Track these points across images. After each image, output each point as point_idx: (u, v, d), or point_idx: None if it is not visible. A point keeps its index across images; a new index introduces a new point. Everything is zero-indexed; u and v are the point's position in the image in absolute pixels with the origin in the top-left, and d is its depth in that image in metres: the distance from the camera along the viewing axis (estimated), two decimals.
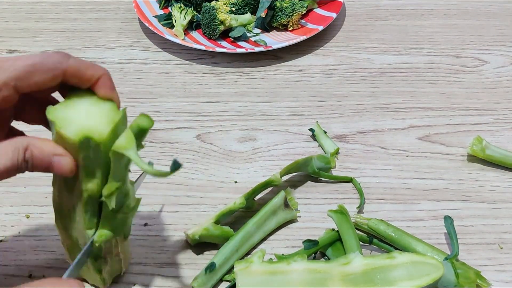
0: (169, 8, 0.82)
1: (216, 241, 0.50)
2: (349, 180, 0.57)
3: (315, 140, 0.62)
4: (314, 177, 0.58)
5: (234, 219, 0.53)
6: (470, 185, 0.57)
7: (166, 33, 0.75)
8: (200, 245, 0.51)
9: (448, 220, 0.50)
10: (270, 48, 0.73)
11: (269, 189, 0.55)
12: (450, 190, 0.56)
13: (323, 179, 0.58)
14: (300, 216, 0.54)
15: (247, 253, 0.50)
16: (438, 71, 0.72)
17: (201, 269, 0.48)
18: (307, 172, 0.57)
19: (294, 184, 0.57)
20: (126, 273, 0.49)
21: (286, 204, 0.52)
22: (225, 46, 0.74)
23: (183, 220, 0.54)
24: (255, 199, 0.54)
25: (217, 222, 0.50)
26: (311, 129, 0.62)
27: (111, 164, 0.38)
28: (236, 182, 0.57)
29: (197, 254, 0.51)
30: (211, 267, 0.47)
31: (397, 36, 0.79)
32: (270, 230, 0.52)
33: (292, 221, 0.53)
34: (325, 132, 0.62)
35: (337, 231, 0.50)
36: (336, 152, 0.60)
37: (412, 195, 0.56)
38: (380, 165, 0.59)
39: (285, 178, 0.56)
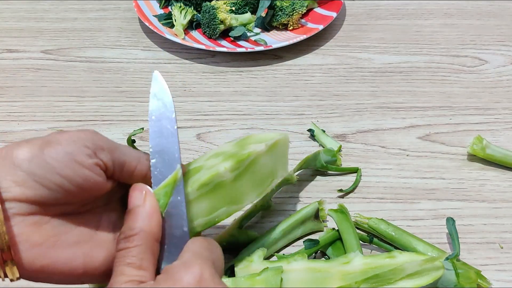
0: (169, 7, 0.82)
1: (242, 246, 0.49)
2: (355, 170, 0.58)
3: (314, 140, 0.62)
4: (322, 172, 0.58)
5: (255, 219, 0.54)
6: (470, 185, 0.57)
7: (166, 33, 0.75)
8: None
9: (450, 221, 0.49)
10: (270, 48, 0.73)
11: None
12: (450, 189, 0.56)
13: (330, 172, 0.58)
14: (326, 226, 0.53)
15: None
16: (438, 71, 0.72)
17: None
18: (315, 167, 0.57)
19: (301, 179, 0.57)
20: None
21: (316, 216, 0.52)
22: (225, 46, 0.74)
23: None
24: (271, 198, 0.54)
25: (240, 226, 0.50)
26: (309, 130, 0.62)
27: None
28: None
29: None
30: (231, 269, 0.46)
31: (397, 35, 0.79)
32: (295, 238, 0.51)
33: None
34: (324, 131, 0.62)
35: (338, 230, 0.50)
36: (339, 150, 0.60)
37: (413, 195, 0.56)
38: (381, 164, 0.59)
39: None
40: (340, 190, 0.56)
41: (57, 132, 0.37)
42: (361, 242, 0.49)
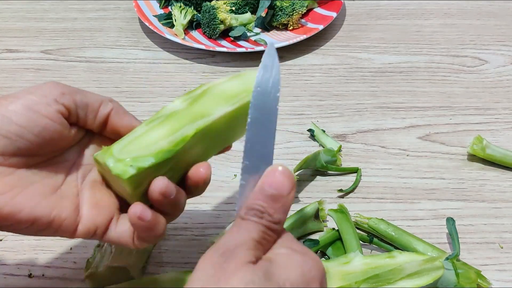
0: (169, 7, 0.82)
1: None
2: (355, 170, 0.58)
3: (314, 140, 0.62)
4: (322, 171, 0.58)
5: None
6: (470, 185, 0.57)
7: (166, 33, 0.75)
8: None
9: (450, 221, 0.49)
10: None
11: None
12: (450, 189, 0.56)
13: (330, 172, 0.58)
14: (326, 226, 0.53)
15: None
16: (438, 71, 0.72)
17: None
18: (315, 167, 0.57)
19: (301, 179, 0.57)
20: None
21: (316, 216, 0.52)
22: (225, 46, 0.74)
23: (183, 220, 0.53)
24: None
25: None
26: (309, 130, 0.62)
27: None
28: (235, 175, 0.58)
29: None
30: None
31: (397, 35, 0.79)
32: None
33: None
34: (324, 131, 0.62)
35: (338, 230, 0.50)
36: (339, 150, 0.60)
37: (413, 195, 0.56)
38: (381, 164, 0.59)
39: None
40: (340, 190, 0.56)
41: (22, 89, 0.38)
42: (361, 242, 0.49)
